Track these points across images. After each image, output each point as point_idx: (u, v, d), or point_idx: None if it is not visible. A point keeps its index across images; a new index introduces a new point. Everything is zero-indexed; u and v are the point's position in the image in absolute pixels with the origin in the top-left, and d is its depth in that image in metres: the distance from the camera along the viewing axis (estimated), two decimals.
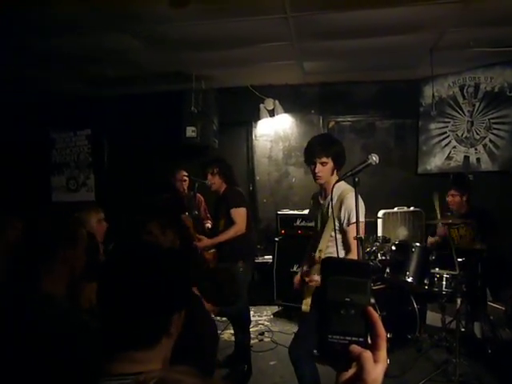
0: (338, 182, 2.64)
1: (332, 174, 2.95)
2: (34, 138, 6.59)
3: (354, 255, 2.73)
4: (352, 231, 2.75)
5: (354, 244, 2.74)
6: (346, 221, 2.83)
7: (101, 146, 6.68)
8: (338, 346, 0.73)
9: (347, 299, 0.75)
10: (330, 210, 2.90)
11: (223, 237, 4.01)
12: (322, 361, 0.76)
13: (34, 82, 5.61)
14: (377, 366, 0.72)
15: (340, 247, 2.86)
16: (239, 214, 3.99)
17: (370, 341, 0.74)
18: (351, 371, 0.74)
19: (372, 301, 0.76)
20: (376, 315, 0.74)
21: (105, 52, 4.58)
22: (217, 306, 2.48)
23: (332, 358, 0.75)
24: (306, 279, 2.88)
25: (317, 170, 2.91)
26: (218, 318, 5.42)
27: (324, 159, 2.89)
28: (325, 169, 2.91)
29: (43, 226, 1.70)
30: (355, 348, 0.72)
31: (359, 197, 2.60)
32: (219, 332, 4.98)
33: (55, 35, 4.06)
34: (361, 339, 0.74)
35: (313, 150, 2.93)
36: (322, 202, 3.09)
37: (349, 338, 0.73)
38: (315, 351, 0.75)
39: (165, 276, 1.18)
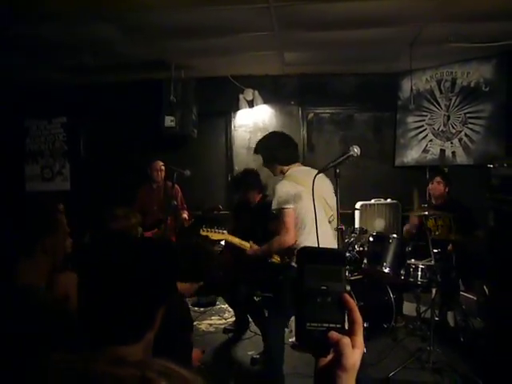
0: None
1: (281, 170, 3.24)
2: (7, 125, 6.42)
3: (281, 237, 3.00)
4: (280, 216, 3.00)
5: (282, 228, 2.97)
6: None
7: (77, 134, 6.55)
8: (316, 334, 0.74)
9: (323, 287, 0.76)
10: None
11: None
12: (302, 349, 0.77)
13: (8, 69, 5.45)
14: (355, 352, 0.73)
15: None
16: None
17: (347, 327, 0.75)
18: (330, 357, 0.75)
19: (348, 288, 0.77)
20: (352, 302, 0.76)
21: (83, 39, 4.47)
22: (195, 283, 2.43)
23: (311, 346, 0.76)
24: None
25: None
26: (196, 308, 5.43)
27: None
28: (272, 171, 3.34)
29: (20, 216, 1.65)
30: (333, 334, 0.73)
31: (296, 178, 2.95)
32: (197, 322, 4.98)
33: (32, 22, 3.95)
34: (338, 326, 0.75)
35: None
36: None
37: (326, 325, 0.74)
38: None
39: (152, 270, 1.15)
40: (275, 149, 3.25)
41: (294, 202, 2.95)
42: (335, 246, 2.79)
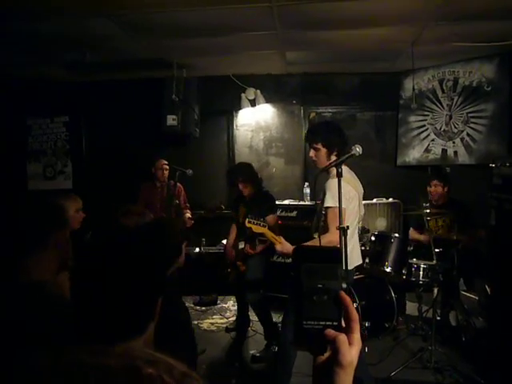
0: (322, 171, 2.67)
1: (328, 158, 3.04)
2: (9, 124, 6.43)
3: (326, 239, 2.80)
4: (328, 215, 2.86)
5: (331, 228, 2.81)
6: (323, 205, 2.93)
7: (79, 132, 6.55)
8: (313, 331, 0.75)
9: (319, 285, 0.76)
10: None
11: None
12: (299, 346, 0.77)
13: (10, 67, 5.46)
14: (352, 349, 0.73)
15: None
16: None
17: (343, 324, 0.76)
18: (327, 355, 0.75)
19: (344, 285, 0.77)
20: (348, 299, 0.76)
21: (85, 37, 4.47)
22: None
23: (308, 343, 0.76)
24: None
25: (310, 155, 3.12)
26: (198, 307, 5.44)
27: (314, 145, 3.06)
28: (318, 154, 3.06)
29: (30, 212, 1.65)
30: (330, 332, 0.74)
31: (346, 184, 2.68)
32: (199, 321, 4.99)
33: (33, 19, 3.95)
34: (335, 323, 0.75)
35: (306, 137, 3.21)
36: None
37: (323, 323, 0.75)
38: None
39: (149, 262, 1.15)
40: (338, 134, 3.08)
41: (348, 202, 2.88)
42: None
